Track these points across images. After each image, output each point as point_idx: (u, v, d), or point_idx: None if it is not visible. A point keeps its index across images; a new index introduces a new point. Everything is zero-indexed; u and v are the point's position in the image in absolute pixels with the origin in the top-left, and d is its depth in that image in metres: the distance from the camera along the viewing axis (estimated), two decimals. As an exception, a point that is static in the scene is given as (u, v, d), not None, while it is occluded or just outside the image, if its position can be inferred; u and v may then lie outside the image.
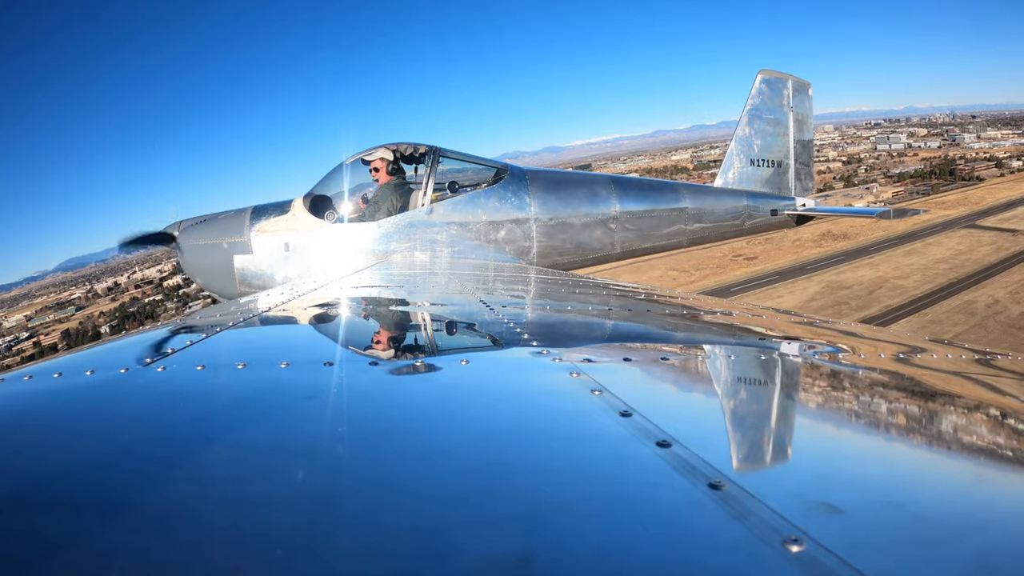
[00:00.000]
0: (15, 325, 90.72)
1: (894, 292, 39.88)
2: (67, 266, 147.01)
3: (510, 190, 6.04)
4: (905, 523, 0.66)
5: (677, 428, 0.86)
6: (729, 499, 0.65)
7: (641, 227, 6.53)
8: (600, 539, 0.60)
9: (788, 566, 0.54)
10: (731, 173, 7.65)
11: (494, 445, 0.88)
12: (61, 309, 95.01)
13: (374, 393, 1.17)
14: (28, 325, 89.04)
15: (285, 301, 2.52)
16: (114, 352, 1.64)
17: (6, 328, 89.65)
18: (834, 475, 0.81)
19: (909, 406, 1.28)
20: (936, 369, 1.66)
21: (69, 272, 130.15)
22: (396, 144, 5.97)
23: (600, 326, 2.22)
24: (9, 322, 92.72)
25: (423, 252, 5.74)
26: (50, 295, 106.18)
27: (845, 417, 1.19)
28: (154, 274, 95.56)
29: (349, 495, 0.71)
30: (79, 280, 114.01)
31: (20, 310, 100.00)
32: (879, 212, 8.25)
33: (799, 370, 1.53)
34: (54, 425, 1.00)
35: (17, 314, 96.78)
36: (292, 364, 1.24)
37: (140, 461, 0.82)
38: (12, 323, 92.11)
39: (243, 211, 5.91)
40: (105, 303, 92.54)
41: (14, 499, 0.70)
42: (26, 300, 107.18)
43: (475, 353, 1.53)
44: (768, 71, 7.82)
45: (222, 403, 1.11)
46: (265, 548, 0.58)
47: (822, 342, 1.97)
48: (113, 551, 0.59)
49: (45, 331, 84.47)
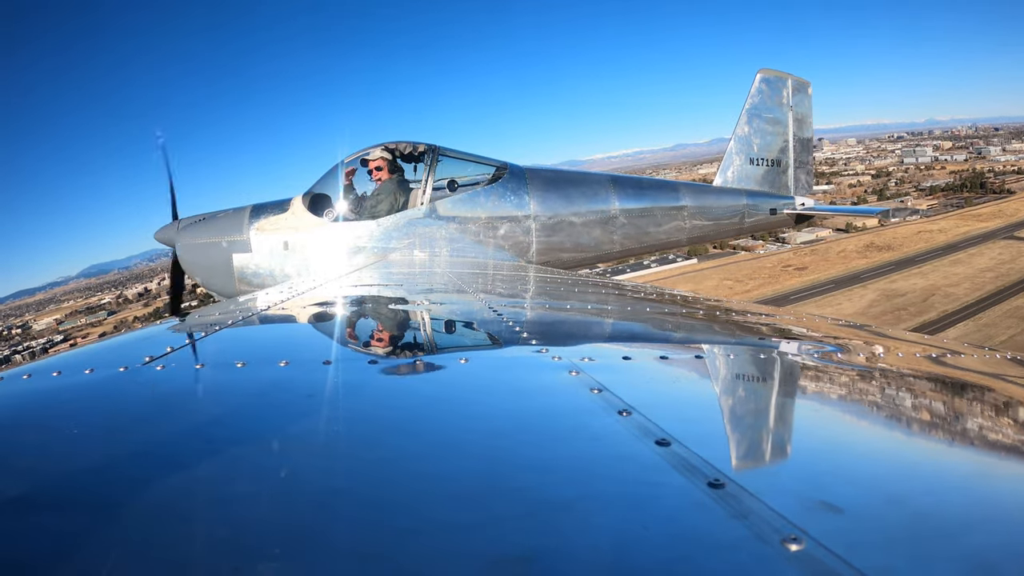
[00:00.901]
0: (45, 328, 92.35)
1: (947, 299, 42.43)
2: (90, 272, 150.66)
3: (509, 188, 6.03)
4: (905, 522, 0.66)
5: (676, 427, 0.86)
6: (728, 498, 0.65)
7: (640, 225, 6.53)
8: (599, 538, 0.60)
9: (788, 565, 0.54)
10: (730, 172, 7.65)
11: (493, 444, 0.88)
12: (92, 313, 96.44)
13: (373, 392, 1.17)
14: (59, 328, 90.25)
15: (284, 300, 2.52)
16: (113, 351, 1.63)
17: (36, 331, 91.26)
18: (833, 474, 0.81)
19: (908, 404, 1.28)
20: (935, 368, 1.66)
21: (92, 278, 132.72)
22: (395, 143, 5.97)
23: (600, 325, 2.22)
24: (39, 325, 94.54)
25: (422, 250, 5.74)
26: (76, 300, 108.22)
27: (844, 416, 1.19)
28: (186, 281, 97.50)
29: (349, 494, 0.71)
30: (104, 286, 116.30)
31: (48, 313, 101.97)
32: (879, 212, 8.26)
33: (798, 369, 1.53)
34: (53, 424, 1.00)
35: (46, 317, 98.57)
36: (291, 363, 1.24)
37: (139, 460, 0.82)
38: (42, 326, 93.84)
39: (242, 209, 5.91)
40: (138, 308, 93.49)
41: (14, 498, 0.70)
42: (52, 304, 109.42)
43: (474, 352, 1.53)
44: (767, 70, 7.81)
45: (221, 402, 1.11)
46: (265, 547, 0.58)
47: (820, 341, 1.97)
48: (113, 550, 0.59)
49: (79, 334, 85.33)
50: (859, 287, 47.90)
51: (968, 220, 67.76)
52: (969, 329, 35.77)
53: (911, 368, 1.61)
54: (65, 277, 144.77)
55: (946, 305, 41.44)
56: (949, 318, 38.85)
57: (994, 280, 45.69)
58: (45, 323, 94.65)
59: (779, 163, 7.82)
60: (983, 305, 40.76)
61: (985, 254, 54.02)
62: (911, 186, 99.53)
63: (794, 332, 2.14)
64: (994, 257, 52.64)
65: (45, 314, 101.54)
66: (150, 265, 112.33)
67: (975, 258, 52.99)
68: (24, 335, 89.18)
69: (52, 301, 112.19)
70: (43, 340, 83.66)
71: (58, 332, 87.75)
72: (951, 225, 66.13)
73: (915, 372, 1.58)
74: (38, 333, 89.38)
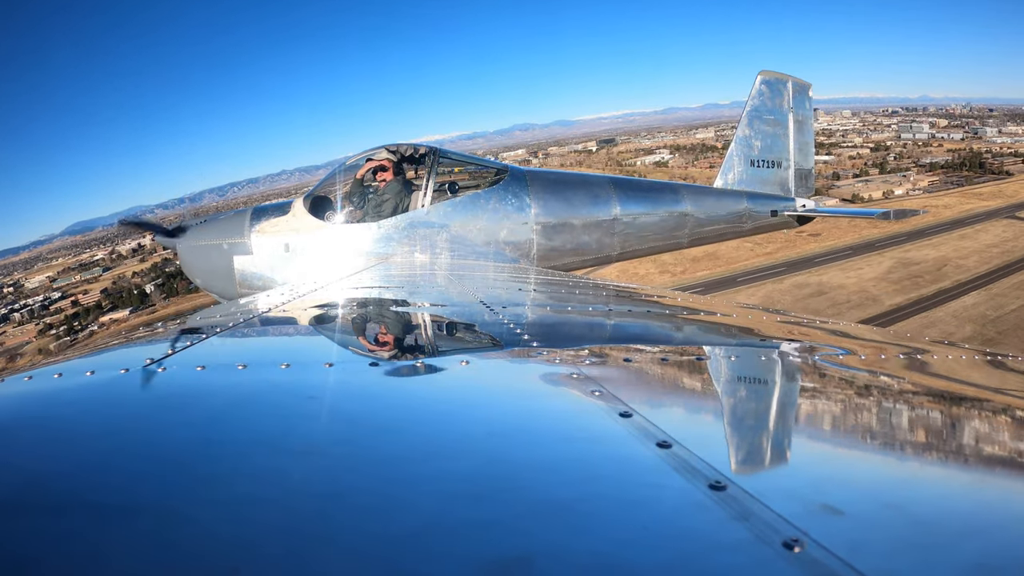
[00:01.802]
0: (39, 286, 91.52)
1: (959, 270, 45.67)
2: (74, 230, 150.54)
3: (510, 191, 6.03)
4: (905, 524, 0.66)
5: (677, 429, 0.86)
6: (729, 500, 0.65)
7: (641, 228, 6.53)
8: (601, 539, 0.60)
9: (788, 567, 0.54)
10: (731, 174, 7.65)
11: (494, 446, 0.88)
12: (86, 270, 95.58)
13: (374, 394, 1.17)
14: (53, 286, 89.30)
15: (285, 302, 2.52)
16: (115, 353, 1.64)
17: (30, 289, 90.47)
18: (834, 476, 0.81)
19: (909, 408, 1.28)
20: (936, 371, 1.65)
21: (78, 236, 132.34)
22: (397, 145, 5.98)
23: (600, 327, 2.22)
24: (31, 283, 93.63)
25: (423, 253, 5.74)
26: (66, 257, 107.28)
27: (845, 419, 1.19)
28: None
29: (349, 495, 0.71)
30: (91, 243, 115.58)
31: (37, 272, 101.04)
32: (879, 213, 8.23)
33: (799, 372, 1.52)
34: (55, 426, 1.00)
35: (37, 275, 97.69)
36: (292, 365, 1.24)
37: (140, 461, 0.82)
38: (35, 284, 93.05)
39: (243, 212, 5.92)
40: (134, 264, 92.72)
41: (15, 499, 0.70)
42: (41, 263, 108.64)
43: (475, 354, 1.53)
44: (768, 72, 7.82)
45: (222, 404, 1.11)
46: (265, 548, 0.58)
47: (822, 344, 1.97)
48: (113, 551, 0.59)
49: (74, 291, 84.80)
50: (876, 254, 50.35)
51: (970, 198, 71.54)
52: (982, 298, 38.54)
53: (912, 372, 1.61)
54: (49, 235, 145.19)
55: (958, 275, 44.20)
56: (963, 287, 41.62)
57: (1000, 256, 48.49)
58: (38, 281, 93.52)
59: (780, 165, 7.82)
60: (992, 277, 43.38)
61: (990, 231, 57.00)
62: (910, 161, 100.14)
63: (795, 335, 2.14)
64: (998, 235, 55.58)
65: (34, 272, 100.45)
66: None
67: (980, 234, 55.84)
68: (17, 294, 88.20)
69: (39, 260, 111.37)
70: (40, 298, 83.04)
71: (53, 290, 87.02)
72: (955, 202, 69.72)
73: (917, 377, 1.57)
74: (32, 291, 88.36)
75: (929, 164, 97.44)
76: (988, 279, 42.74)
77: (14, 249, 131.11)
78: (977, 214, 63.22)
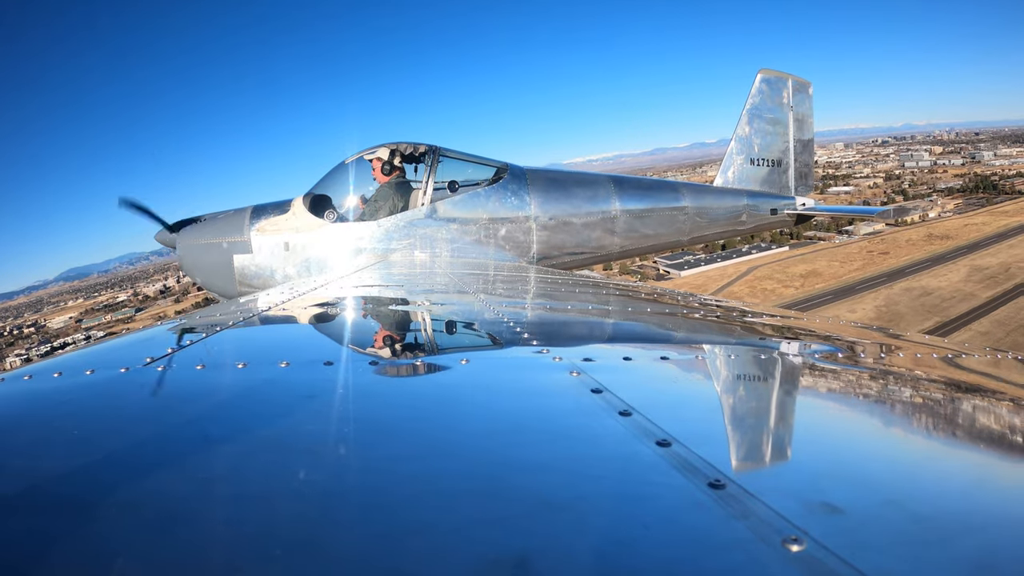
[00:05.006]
0: (64, 326, 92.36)
1: (1023, 272, 52.56)
2: (68, 276, 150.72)
3: (510, 189, 6.03)
4: (905, 523, 0.65)
5: (677, 427, 0.86)
6: (729, 498, 0.65)
7: (641, 226, 6.53)
8: (600, 538, 0.60)
9: (788, 566, 0.54)
10: (731, 172, 7.65)
11: (494, 444, 0.88)
12: (113, 311, 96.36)
13: (374, 393, 1.17)
14: (82, 327, 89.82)
15: (285, 300, 2.52)
16: (114, 351, 1.64)
17: (56, 328, 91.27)
18: (834, 475, 0.81)
19: (909, 405, 1.28)
20: (936, 368, 1.65)
21: (73, 282, 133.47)
22: (396, 143, 5.97)
23: (600, 325, 2.22)
24: (54, 323, 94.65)
25: (423, 251, 5.74)
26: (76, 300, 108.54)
27: (844, 416, 1.19)
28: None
29: (349, 494, 0.71)
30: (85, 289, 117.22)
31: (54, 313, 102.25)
32: (880, 211, 8.24)
33: (799, 370, 1.53)
34: (54, 424, 1.00)
35: (57, 316, 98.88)
36: (292, 364, 1.24)
37: (140, 460, 0.82)
38: (59, 323, 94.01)
39: (243, 210, 5.91)
40: (167, 304, 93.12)
41: (14, 499, 0.70)
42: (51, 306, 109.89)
43: (475, 352, 1.53)
44: (768, 70, 7.81)
45: (222, 402, 1.11)
46: (266, 547, 0.58)
47: (821, 342, 1.97)
48: (113, 550, 0.59)
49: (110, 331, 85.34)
50: (950, 263, 56.92)
51: (999, 216, 76.35)
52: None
53: (912, 369, 1.61)
54: (43, 280, 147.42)
55: (1023, 276, 50.40)
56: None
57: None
58: (61, 321, 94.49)
59: (779, 163, 7.82)
60: (1053, 279, 50.09)
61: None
62: (925, 188, 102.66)
63: (795, 332, 2.14)
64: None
65: (48, 315, 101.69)
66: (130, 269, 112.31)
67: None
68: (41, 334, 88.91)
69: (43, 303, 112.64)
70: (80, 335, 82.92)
71: (83, 330, 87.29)
72: (988, 220, 74.33)
73: (916, 373, 1.57)
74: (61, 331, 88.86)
75: (947, 189, 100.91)
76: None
77: (9, 294, 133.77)
78: (1012, 228, 69.48)
